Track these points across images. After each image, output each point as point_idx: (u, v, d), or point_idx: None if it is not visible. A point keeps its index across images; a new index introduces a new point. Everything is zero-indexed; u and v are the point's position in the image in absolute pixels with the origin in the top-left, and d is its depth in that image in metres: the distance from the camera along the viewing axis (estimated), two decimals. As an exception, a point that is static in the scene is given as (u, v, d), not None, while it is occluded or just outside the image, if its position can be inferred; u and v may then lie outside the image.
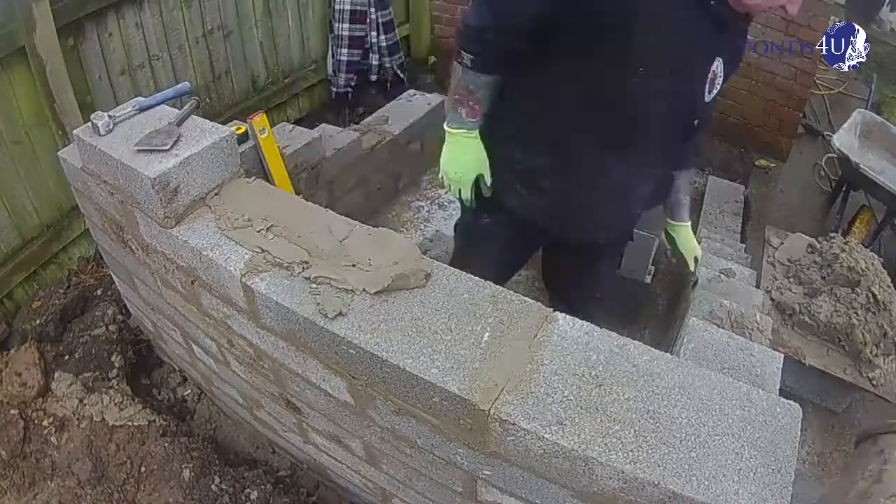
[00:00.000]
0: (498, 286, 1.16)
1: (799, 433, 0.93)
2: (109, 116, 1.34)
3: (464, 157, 1.41)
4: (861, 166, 2.89)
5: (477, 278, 1.17)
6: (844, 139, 3.09)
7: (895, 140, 3.17)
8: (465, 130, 1.39)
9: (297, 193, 2.23)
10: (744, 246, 2.92)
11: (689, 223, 1.72)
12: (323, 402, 1.30)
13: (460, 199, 1.49)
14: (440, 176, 1.48)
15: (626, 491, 0.90)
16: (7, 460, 1.76)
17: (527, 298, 1.11)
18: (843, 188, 3.30)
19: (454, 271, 1.18)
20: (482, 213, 1.56)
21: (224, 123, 1.50)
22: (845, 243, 2.44)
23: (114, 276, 1.94)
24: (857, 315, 2.18)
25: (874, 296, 2.19)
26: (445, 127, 1.41)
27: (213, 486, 1.73)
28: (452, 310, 1.10)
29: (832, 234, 2.54)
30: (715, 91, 1.35)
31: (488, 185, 1.46)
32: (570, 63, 1.26)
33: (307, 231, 1.23)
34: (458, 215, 1.74)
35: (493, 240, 1.62)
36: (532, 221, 1.51)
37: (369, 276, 1.12)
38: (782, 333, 2.28)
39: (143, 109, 1.40)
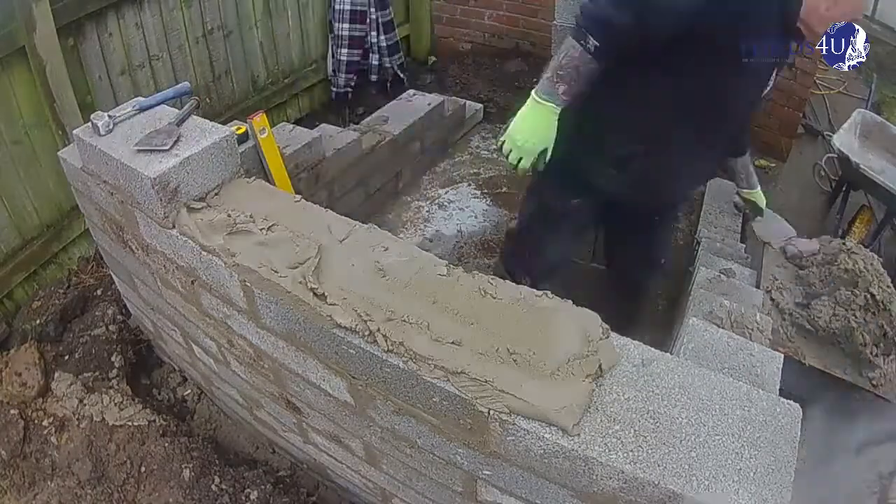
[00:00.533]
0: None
1: (799, 433, 0.93)
2: (109, 116, 1.34)
3: (540, 128, 1.42)
4: (861, 166, 2.89)
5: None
6: (844, 139, 3.09)
7: (895, 140, 3.16)
8: (553, 105, 1.38)
9: (297, 193, 2.22)
10: (744, 246, 2.92)
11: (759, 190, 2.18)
12: (323, 402, 1.30)
13: (515, 168, 1.49)
14: (501, 140, 1.48)
15: (626, 491, 0.90)
16: (7, 460, 1.76)
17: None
18: (843, 188, 3.30)
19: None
20: (569, 196, 1.75)
21: (224, 123, 1.50)
22: (843, 244, 2.44)
23: (114, 276, 1.94)
24: (856, 317, 2.18)
25: (873, 296, 2.19)
26: (534, 95, 1.40)
27: (213, 486, 1.73)
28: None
29: (831, 237, 2.54)
30: (770, 86, 1.58)
31: (546, 161, 1.47)
32: (678, 63, 1.36)
33: (308, 231, 1.23)
34: (531, 200, 1.91)
35: (577, 218, 1.83)
36: (618, 196, 1.70)
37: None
38: (782, 333, 2.28)
39: (143, 109, 1.41)
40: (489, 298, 1.09)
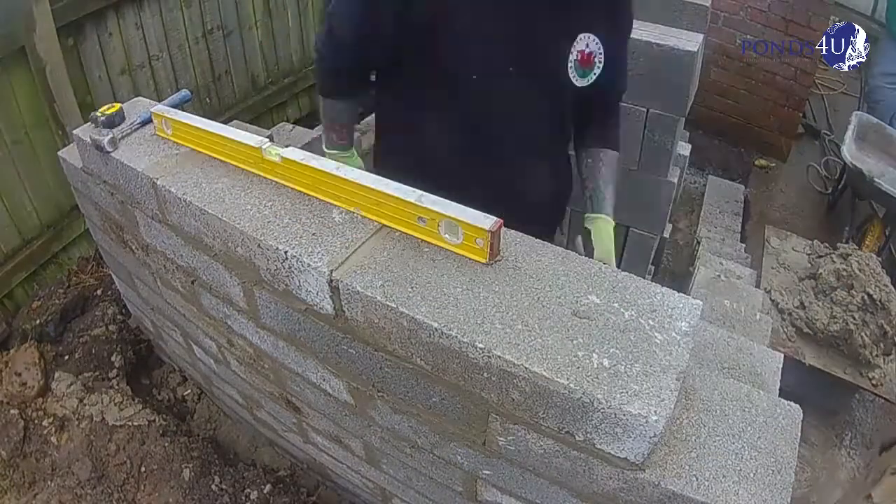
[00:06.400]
0: None
1: (799, 434, 0.93)
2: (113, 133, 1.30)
3: None
4: (875, 180, 2.82)
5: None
6: (854, 151, 3.04)
7: (892, 141, 3.14)
8: (338, 151, 1.48)
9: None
10: (744, 246, 2.93)
11: (609, 219, 1.41)
12: (323, 401, 1.30)
13: None
14: None
15: (625, 491, 0.90)
16: (7, 460, 1.76)
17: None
18: (843, 192, 3.29)
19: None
20: None
21: (224, 123, 1.50)
22: (837, 246, 2.44)
23: (114, 276, 1.94)
24: (854, 318, 2.18)
25: (870, 296, 2.20)
26: (324, 149, 1.50)
27: (213, 486, 1.73)
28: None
29: (840, 245, 2.51)
30: (595, 72, 1.28)
31: None
32: (412, 82, 1.31)
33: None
34: None
35: None
36: None
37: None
38: (782, 333, 2.28)
39: (145, 123, 1.37)
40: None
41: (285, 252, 1.02)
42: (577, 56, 1.26)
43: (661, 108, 2.10)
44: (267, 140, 1.13)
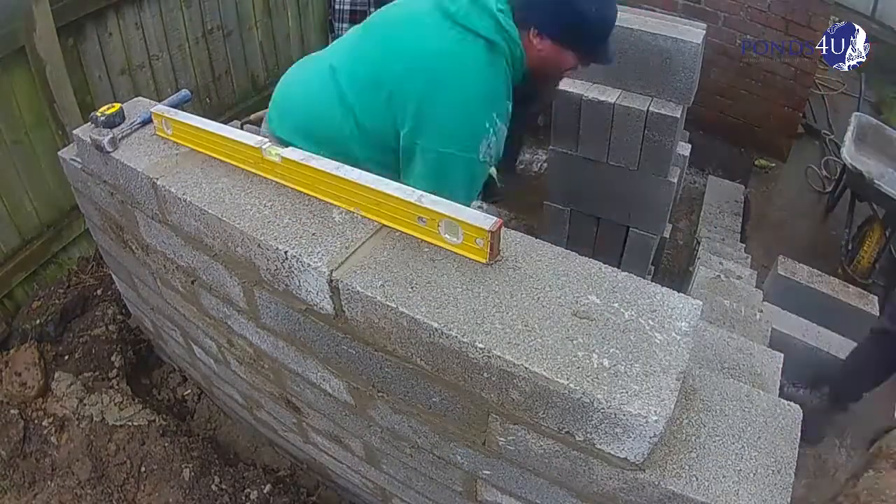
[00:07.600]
0: None
1: (799, 434, 0.93)
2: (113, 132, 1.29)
3: None
4: (875, 182, 2.81)
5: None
6: (854, 153, 3.03)
7: (891, 142, 3.13)
8: None
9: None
10: (744, 246, 2.93)
11: None
12: (323, 401, 1.30)
13: None
14: None
15: (625, 491, 0.90)
16: (7, 460, 1.76)
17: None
18: (843, 192, 3.28)
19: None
20: None
21: (224, 123, 1.50)
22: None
23: (114, 276, 1.94)
24: None
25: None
26: None
27: (213, 486, 1.73)
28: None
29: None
30: None
31: None
32: None
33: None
34: None
35: None
36: None
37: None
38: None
39: (145, 122, 1.37)
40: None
41: (285, 252, 1.01)
42: None
43: (665, 98, 2.11)
44: (267, 140, 1.14)
